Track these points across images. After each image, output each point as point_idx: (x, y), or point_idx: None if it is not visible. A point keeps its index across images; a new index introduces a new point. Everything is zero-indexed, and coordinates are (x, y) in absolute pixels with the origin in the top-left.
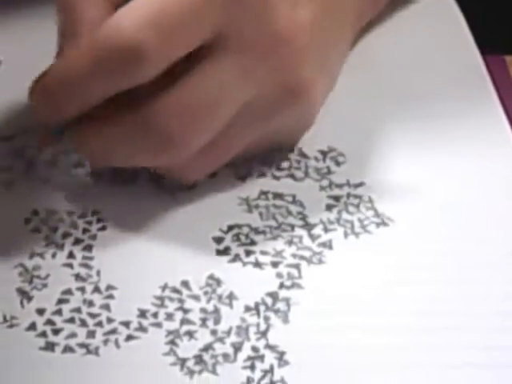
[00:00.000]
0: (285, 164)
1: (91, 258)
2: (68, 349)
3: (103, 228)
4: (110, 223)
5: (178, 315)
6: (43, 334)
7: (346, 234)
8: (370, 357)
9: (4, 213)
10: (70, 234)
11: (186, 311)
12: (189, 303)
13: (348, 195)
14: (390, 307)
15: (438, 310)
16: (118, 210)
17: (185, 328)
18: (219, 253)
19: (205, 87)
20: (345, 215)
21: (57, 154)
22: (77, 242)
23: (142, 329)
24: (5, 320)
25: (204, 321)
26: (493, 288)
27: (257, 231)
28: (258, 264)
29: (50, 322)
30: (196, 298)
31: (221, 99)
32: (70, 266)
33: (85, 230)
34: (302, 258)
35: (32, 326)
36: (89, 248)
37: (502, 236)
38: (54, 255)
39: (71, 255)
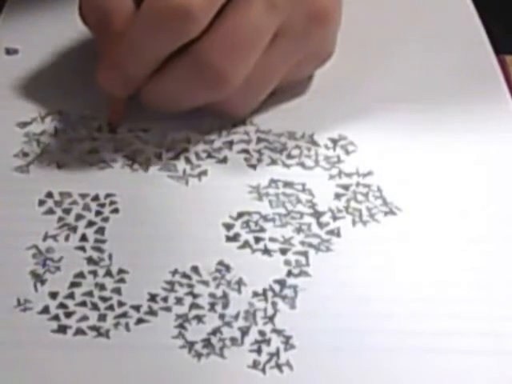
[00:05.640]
0: (295, 152)
1: (103, 241)
2: (79, 331)
3: (116, 211)
4: (123, 206)
5: (188, 300)
6: (56, 318)
7: (354, 222)
8: (375, 341)
9: (18, 195)
10: (82, 216)
11: (195, 296)
12: (198, 288)
13: (357, 184)
14: (397, 294)
15: (443, 298)
16: (131, 195)
17: (194, 312)
18: (229, 239)
19: (241, 22)
20: (353, 204)
21: (70, 142)
22: (90, 224)
23: (151, 313)
24: (19, 304)
25: (212, 305)
26: (507, 276)
27: (266, 218)
28: (266, 251)
29: (62, 306)
30: (205, 283)
31: (255, 31)
32: (83, 248)
33: (98, 213)
34: (310, 245)
35: (45, 310)
36: (101, 231)
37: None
38: (67, 237)
39: (84, 238)
